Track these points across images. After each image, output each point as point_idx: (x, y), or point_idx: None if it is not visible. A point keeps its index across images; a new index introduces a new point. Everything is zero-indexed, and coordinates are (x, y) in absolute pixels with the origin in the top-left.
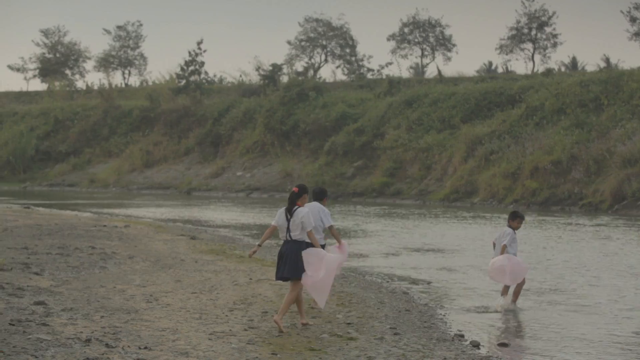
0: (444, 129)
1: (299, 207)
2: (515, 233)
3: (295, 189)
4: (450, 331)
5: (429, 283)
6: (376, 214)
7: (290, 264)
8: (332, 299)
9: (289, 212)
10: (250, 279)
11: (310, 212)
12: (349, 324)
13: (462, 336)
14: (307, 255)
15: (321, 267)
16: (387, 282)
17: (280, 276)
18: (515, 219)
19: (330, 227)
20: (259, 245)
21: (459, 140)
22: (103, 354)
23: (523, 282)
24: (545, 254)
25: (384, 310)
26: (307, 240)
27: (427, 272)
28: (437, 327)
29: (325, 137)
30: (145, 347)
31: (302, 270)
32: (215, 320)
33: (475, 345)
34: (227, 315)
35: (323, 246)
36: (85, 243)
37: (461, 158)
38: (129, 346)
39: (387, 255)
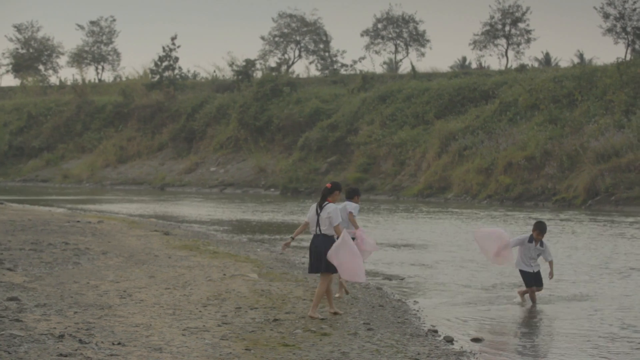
0: (418, 125)
1: (329, 202)
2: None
3: (328, 185)
4: (424, 326)
5: (402, 278)
6: None
7: (323, 258)
8: (305, 294)
9: (320, 207)
10: (224, 274)
11: (338, 208)
12: (322, 319)
13: (436, 331)
14: (331, 255)
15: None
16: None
17: (314, 271)
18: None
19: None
20: (292, 239)
21: (432, 135)
22: (76, 350)
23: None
24: None
25: (358, 305)
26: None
27: (400, 268)
28: (411, 323)
29: (299, 132)
30: (119, 343)
31: (331, 264)
32: (188, 316)
33: (449, 340)
34: (200, 311)
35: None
36: (58, 239)
37: (435, 154)
38: (102, 342)
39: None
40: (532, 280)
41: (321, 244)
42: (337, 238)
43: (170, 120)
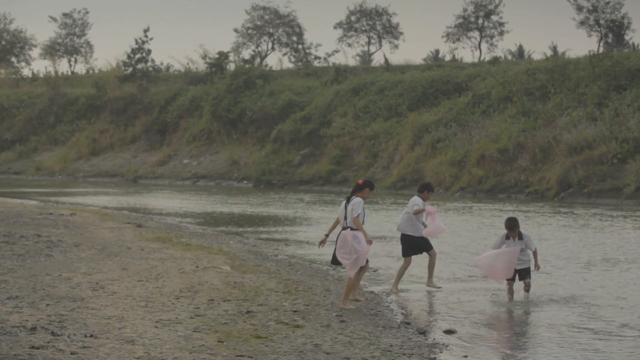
0: (391, 117)
1: (356, 197)
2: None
3: (359, 181)
4: (397, 318)
5: (375, 270)
6: (323, 202)
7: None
8: (278, 287)
9: (347, 201)
10: (197, 266)
11: (362, 202)
12: (295, 311)
13: (409, 323)
14: (341, 239)
15: (351, 247)
16: (334, 269)
17: (337, 262)
18: None
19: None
20: (327, 235)
21: (405, 128)
22: (49, 342)
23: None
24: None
25: (330, 297)
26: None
27: (373, 260)
28: (384, 315)
29: (272, 125)
30: (91, 335)
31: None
32: (161, 308)
33: (422, 332)
34: (173, 303)
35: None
36: (31, 231)
37: (408, 146)
38: (74, 334)
39: (334, 243)
40: (521, 276)
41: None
42: (355, 230)
43: (143, 113)
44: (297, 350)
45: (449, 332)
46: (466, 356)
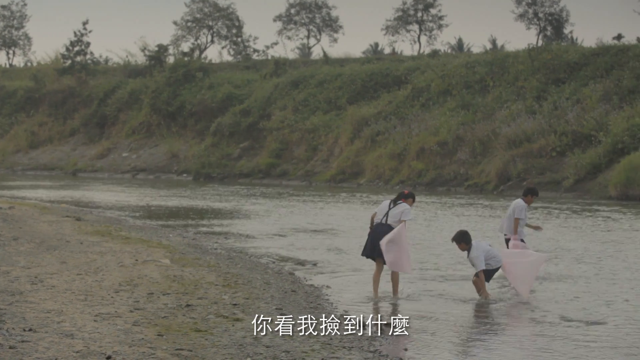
0: (330, 110)
1: (403, 202)
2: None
3: (405, 191)
4: (336, 311)
5: (315, 264)
6: (262, 195)
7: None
8: (218, 280)
9: (393, 203)
10: (136, 260)
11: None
12: (235, 305)
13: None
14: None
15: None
16: (274, 263)
17: (367, 254)
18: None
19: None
20: (371, 229)
21: (345, 121)
22: None
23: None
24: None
25: (270, 291)
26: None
27: (313, 253)
28: (324, 308)
29: (212, 118)
30: (30, 329)
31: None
32: (100, 302)
33: (362, 325)
34: (112, 297)
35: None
36: None
37: (347, 139)
38: (13, 328)
39: (273, 236)
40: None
41: (382, 232)
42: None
43: (82, 106)
44: (237, 344)
45: (389, 325)
46: (406, 349)
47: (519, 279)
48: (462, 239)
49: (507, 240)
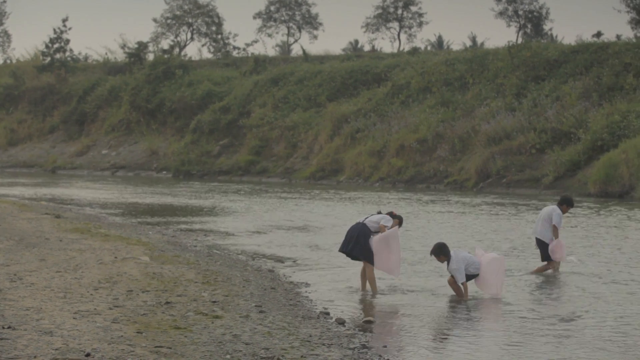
0: (310, 108)
1: (388, 216)
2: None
3: (394, 212)
4: (316, 309)
5: (294, 261)
6: (242, 192)
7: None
8: (197, 277)
9: (380, 212)
10: (116, 257)
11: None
12: (214, 302)
13: (328, 314)
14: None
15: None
16: (253, 260)
17: (342, 249)
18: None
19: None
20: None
21: (325, 118)
22: None
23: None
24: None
25: (250, 288)
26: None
27: (292, 250)
28: (303, 305)
29: (191, 115)
30: (9, 327)
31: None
32: (79, 299)
33: (341, 322)
34: (92, 294)
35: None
36: None
37: (327, 136)
38: None
39: (252, 233)
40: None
41: (356, 229)
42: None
43: (61, 103)
44: (216, 341)
45: (369, 322)
46: (385, 346)
47: (486, 285)
48: (441, 252)
49: (538, 242)
